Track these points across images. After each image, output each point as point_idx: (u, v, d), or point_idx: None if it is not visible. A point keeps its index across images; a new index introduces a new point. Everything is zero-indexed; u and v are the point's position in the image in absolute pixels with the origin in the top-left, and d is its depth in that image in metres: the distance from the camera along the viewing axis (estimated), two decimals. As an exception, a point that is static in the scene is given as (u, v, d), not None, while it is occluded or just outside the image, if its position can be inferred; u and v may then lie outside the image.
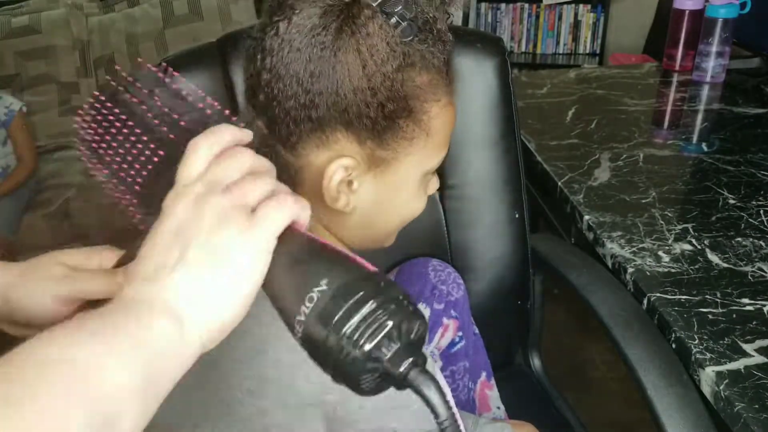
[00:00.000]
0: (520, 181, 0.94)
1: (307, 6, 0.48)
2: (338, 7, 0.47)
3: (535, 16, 2.99)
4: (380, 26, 0.47)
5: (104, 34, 2.32)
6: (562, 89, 1.51)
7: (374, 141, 0.51)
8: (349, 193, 0.52)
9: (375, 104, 0.49)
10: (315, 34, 0.47)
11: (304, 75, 0.48)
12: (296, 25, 0.47)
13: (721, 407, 0.66)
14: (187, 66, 0.82)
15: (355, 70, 0.48)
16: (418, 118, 0.52)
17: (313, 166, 0.52)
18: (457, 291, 0.82)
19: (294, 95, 0.48)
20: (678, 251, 0.87)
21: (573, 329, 1.86)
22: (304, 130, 0.50)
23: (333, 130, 0.50)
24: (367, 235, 0.58)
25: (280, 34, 0.48)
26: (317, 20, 0.47)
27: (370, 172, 0.52)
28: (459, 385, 0.84)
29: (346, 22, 0.47)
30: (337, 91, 0.48)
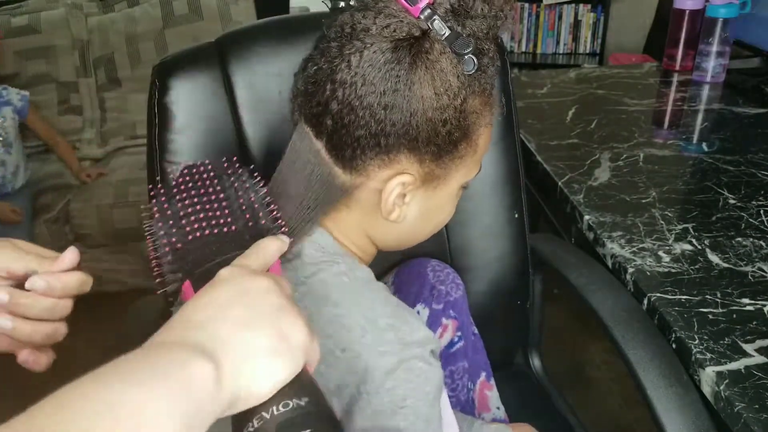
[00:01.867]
0: (520, 181, 0.94)
1: (378, 40, 0.49)
2: (408, 42, 0.49)
3: (535, 15, 2.99)
4: (450, 62, 0.50)
5: (104, 33, 2.32)
6: (562, 89, 1.51)
7: (433, 161, 0.54)
8: (402, 206, 0.55)
9: (444, 133, 0.52)
10: (389, 68, 0.49)
11: (378, 108, 0.50)
12: (369, 60, 0.49)
13: (721, 407, 0.66)
14: (186, 66, 0.81)
15: (429, 104, 0.50)
16: (471, 140, 0.55)
17: (371, 183, 0.54)
18: (456, 291, 0.82)
19: (366, 125, 0.50)
20: (678, 251, 0.87)
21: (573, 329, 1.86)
22: (369, 155, 0.52)
23: (397, 153, 0.52)
24: (404, 240, 0.61)
25: (353, 67, 0.49)
26: (390, 54, 0.49)
27: (423, 186, 0.56)
28: (458, 386, 0.84)
29: (419, 56, 0.49)
30: (410, 122, 0.50)
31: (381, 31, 0.49)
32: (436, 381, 0.53)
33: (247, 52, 0.83)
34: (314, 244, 0.56)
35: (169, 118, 0.80)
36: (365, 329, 0.51)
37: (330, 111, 0.51)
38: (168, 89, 0.79)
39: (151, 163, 0.82)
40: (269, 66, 0.83)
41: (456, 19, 0.50)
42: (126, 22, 2.32)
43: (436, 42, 0.49)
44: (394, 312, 0.53)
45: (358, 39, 0.50)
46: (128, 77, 2.32)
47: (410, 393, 0.50)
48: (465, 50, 0.49)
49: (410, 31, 0.50)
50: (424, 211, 0.57)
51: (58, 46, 2.28)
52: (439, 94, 0.50)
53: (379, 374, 0.50)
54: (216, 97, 0.82)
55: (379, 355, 0.50)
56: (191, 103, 0.81)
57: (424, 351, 0.52)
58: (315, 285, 0.53)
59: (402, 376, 0.50)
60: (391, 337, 0.51)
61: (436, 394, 0.53)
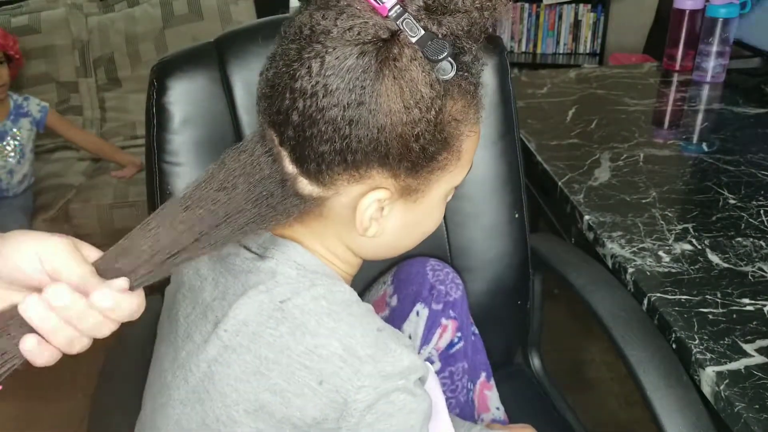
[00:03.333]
0: (520, 180, 0.94)
1: (341, 44, 0.44)
2: (375, 46, 0.44)
3: (536, 15, 2.99)
4: (422, 69, 0.44)
5: (104, 34, 2.32)
6: (562, 89, 1.51)
7: (409, 175, 0.49)
8: (379, 220, 0.51)
9: (417, 149, 0.47)
10: (352, 77, 0.44)
11: (342, 122, 0.45)
12: (331, 66, 0.44)
13: (721, 407, 0.65)
14: (185, 66, 0.81)
15: (398, 118, 0.45)
16: (452, 148, 0.50)
17: (342, 197, 0.50)
18: (455, 291, 0.82)
19: (329, 140, 0.46)
20: (678, 251, 0.87)
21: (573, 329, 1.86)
22: (336, 170, 0.47)
23: (368, 168, 0.48)
24: (388, 252, 0.58)
25: (313, 75, 0.44)
26: (353, 61, 0.44)
27: (401, 199, 0.51)
28: (458, 386, 0.84)
29: (386, 63, 0.44)
30: (377, 138, 0.45)
31: (343, 33, 0.44)
32: (423, 410, 0.50)
33: (246, 52, 0.83)
34: (290, 262, 0.52)
35: (168, 118, 0.80)
36: (344, 360, 0.48)
37: (291, 122, 0.46)
38: (166, 89, 0.79)
39: (149, 163, 0.82)
40: (268, 66, 0.83)
41: (431, 17, 0.44)
42: (126, 22, 2.32)
43: (406, 46, 0.44)
44: (376, 341, 0.49)
45: (318, 42, 0.44)
46: (128, 77, 2.32)
47: (392, 427, 0.48)
48: (439, 56, 0.43)
49: (377, 33, 0.44)
50: (407, 223, 0.53)
51: (57, 46, 2.28)
52: (409, 107, 0.44)
53: (358, 410, 0.48)
54: (215, 97, 0.82)
55: (357, 390, 0.47)
56: (190, 103, 0.81)
57: (407, 382, 0.49)
58: (291, 311, 0.49)
59: (383, 410, 0.48)
60: (371, 369, 0.48)
61: (423, 423, 0.51)
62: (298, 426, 0.49)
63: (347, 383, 0.48)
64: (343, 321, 0.49)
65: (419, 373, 0.51)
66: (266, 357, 0.49)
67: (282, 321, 0.49)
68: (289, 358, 0.49)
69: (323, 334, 0.49)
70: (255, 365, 0.50)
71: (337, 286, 0.52)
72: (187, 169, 0.81)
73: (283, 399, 0.49)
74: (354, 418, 0.48)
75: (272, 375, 0.49)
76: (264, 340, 0.50)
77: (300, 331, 0.49)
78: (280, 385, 0.49)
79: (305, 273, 0.52)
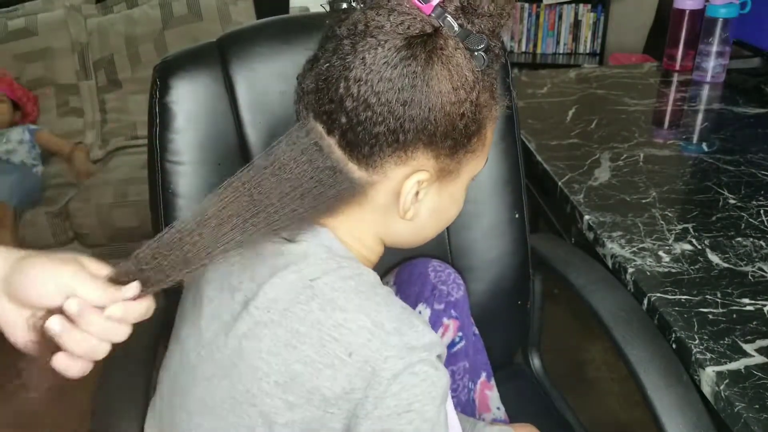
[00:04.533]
0: (520, 181, 0.94)
1: (392, 37, 0.50)
2: (422, 38, 0.50)
3: (536, 15, 2.99)
4: (464, 56, 0.51)
5: (103, 36, 2.31)
6: (562, 89, 1.51)
7: (448, 156, 0.55)
8: (416, 203, 0.56)
9: (461, 126, 0.53)
10: (406, 65, 0.49)
11: (396, 104, 0.50)
12: (384, 56, 0.50)
13: (721, 407, 0.66)
14: (187, 65, 0.82)
15: (447, 98, 0.51)
16: (482, 133, 0.56)
17: (388, 181, 0.55)
18: (457, 291, 0.82)
19: (384, 121, 0.51)
20: (678, 251, 0.87)
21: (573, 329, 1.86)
22: (387, 151, 0.52)
23: (414, 149, 0.53)
24: (416, 238, 0.62)
25: (368, 64, 0.50)
26: (405, 51, 0.49)
27: (437, 182, 0.56)
28: (459, 386, 0.84)
29: (435, 52, 0.50)
30: (428, 117, 0.51)
31: (395, 28, 0.50)
32: (443, 385, 0.53)
33: (248, 52, 0.83)
34: (321, 246, 0.56)
35: (170, 117, 0.80)
36: (372, 333, 0.51)
37: (344, 108, 0.51)
38: (169, 89, 0.80)
39: (151, 162, 0.82)
40: (270, 66, 0.83)
41: (465, 17, 0.51)
42: (125, 24, 2.31)
43: (449, 38, 0.50)
44: (401, 316, 0.53)
45: (371, 36, 0.50)
46: (128, 79, 2.32)
47: (416, 397, 0.51)
48: (478, 46, 0.50)
49: (423, 28, 0.50)
50: (437, 206, 0.58)
51: (55, 48, 2.28)
52: (457, 88, 0.51)
53: (385, 378, 0.50)
54: (217, 96, 0.82)
55: (385, 360, 0.50)
56: (192, 102, 0.81)
57: (431, 355, 0.52)
58: (321, 288, 0.53)
59: (408, 380, 0.50)
60: (397, 341, 0.51)
61: (443, 398, 0.53)
62: (327, 397, 0.51)
63: (375, 354, 0.50)
64: (370, 299, 0.53)
65: (439, 349, 0.54)
66: (297, 330, 0.52)
67: (313, 297, 0.53)
68: (320, 331, 0.51)
69: (352, 309, 0.52)
70: (286, 338, 0.52)
71: (362, 269, 0.56)
72: (189, 168, 0.81)
73: (314, 370, 0.51)
74: (381, 386, 0.50)
75: (303, 347, 0.52)
76: (295, 315, 0.52)
77: (330, 306, 0.52)
78: (311, 356, 0.51)
79: (333, 256, 0.55)
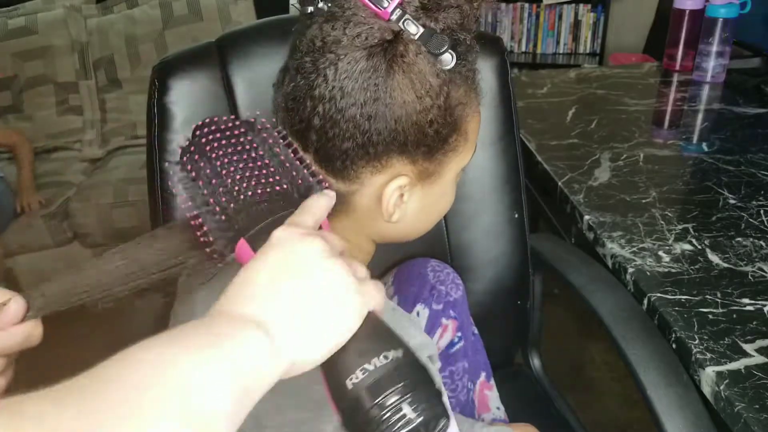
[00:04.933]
0: (520, 180, 0.94)
1: (350, 50, 0.48)
2: (382, 47, 0.48)
3: (536, 15, 2.99)
4: (428, 61, 0.49)
5: (103, 35, 2.31)
6: (562, 89, 1.51)
7: (425, 158, 0.54)
8: (401, 206, 0.55)
9: (431, 133, 0.52)
10: (366, 78, 0.48)
11: (361, 119, 0.49)
12: (344, 71, 0.48)
13: (721, 407, 0.66)
14: (186, 66, 0.81)
15: (412, 107, 0.49)
16: (461, 130, 0.55)
17: (366, 189, 0.54)
18: (456, 291, 0.82)
19: (351, 137, 0.50)
20: (678, 251, 0.87)
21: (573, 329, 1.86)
22: (360, 163, 0.52)
23: (388, 158, 0.52)
24: (408, 235, 0.62)
25: (329, 81, 0.49)
26: (364, 63, 0.48)
27: (420, 183, 0.55)
28: (458, 386, 0.84)
29: (395, 60, 0.48)
30: (395, 128, 0.50)
31: (352, 41, 0.48)
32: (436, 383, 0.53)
33: (247, 52, 0.83)
34: None
35: (169, 117, 0.80)
36: None
37: (313, 126, 0.51)
38: (168, 89, 0.79)
39: (150, 162, 0.82)
40: (269, 66, 0.83)
41: (428, 15, 0.49)
42: (125, 24, 2.31)
43: (410, 43, 0.48)
44: (391, 317, 0.52)
45: (330, 52, 0.49)
46: (128, 78, 2.32)
47: None
48: (440, 49, 0.48)
49: (382, 36, 0.48)
50: (425, 204, 0.57)
51: (55, 46, 2.28)
52: (421, 96, 0.49)
53: None
54: (216, 97, 0.82)
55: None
56: (191, 103, 0.81)
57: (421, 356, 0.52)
58: None
59: None
60: None
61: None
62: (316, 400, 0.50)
63: None
64: None
65: (430, 350, 0.54)
66: None
67: None
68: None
69: None
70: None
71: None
72: (187, 169, 0.81)
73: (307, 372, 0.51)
74: None
75: None
76: None
77: None
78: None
79: None
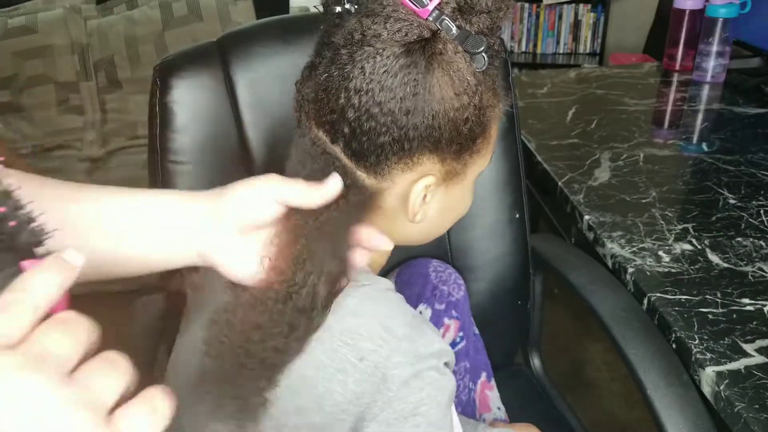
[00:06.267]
0: (521, 181, 0.94)
1: (389, 45, 0.48)
2: (420, 44, 0.48)
3: (536, 15, 2.99)
4: (465, 60, 0.49)
5: (103, 37, 2.31)
6: (562, 89, 1.51)
7: (454, 158, 0.54)
8: (423, 206, 0.55)
9: (465, 131, 0.52)
10: (406, 73, 0.48)
11: (399, 113, 0.49)
12: (383, 65, 0.48)
13: (721, 407, 0.66)
14: (188, 65, 0.81)
15: (450, 104, 0.50)
16: (486, 132, 0.55)
17: (395, 187, 0.54)
18: (457, 291, 0.82)
19: (388, 131, 0.50)
20: (678, 251, 0.87)
21: (573, 329, 1.86)
22: (393, 159, 0.52)
23: (420, 155, 0.52)
24: (425, 237, 0.62)
25: (367, 74, 0.49)
26: (404, 59, 0.48)
27: (444, 184, 0.56)
28: (459, 386, 0.84)
29: (434, 58, 0.48)
30: (432, 125, 0.50)
31: (392, 35, 0.48)
32: (449, 389, 0.53)
33: (248, 52, 0.83)
34: None
35: (171, 117, 0.80)
36: (383, 339, 0.51)
37: (347, 119, 0.50)
38: (169, 88, 0.80)
39: (152, 162, 0.82)
40: (270, 66, 0.83)
41: (463, 17, 0.50)
42: (125, 25, 2.31)
43: (448, 42, 0.49)
44: (412, 323, 0.53)
45: (369, 45, 0.49)
46: (129, 79, 2.32)
47: (423, 401, 0.51)
48: (478, 49, 0.49)
49: (421, 34, 0.49)
50: (445, 207, 0.58)
51: (55, 45, 2.28)
52: (459, 93, 0.50)
53: (394, 384, 0.50)
54: (217, 96, 0.82)
55: (395, 366, 0.50)
56: (193, 102, 0.81)
57: (439, 362, 0.53)
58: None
59: (416, 385, 0.51)
60: (407, 347, 0.51)
61: (449, 402, 0.53)
62: (339, 401, 0.51)
63: (386, 360, 0.50)
64: (382, 305, 0.53)
65: (448, 357, 0.54)
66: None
67: None
68: (331, 336, 0.51)
69: (364, 314, 0.52)
70: None
71: (374, 277, 0.56)
72: (190, 168, 0.81)
73: (325, 374, 0.51)
74: (391, 391, 0.50)
75: (315, 352, 0.51)
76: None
77: (341, 311, 0.52)
78: (323, 361, 0.51)
79: None
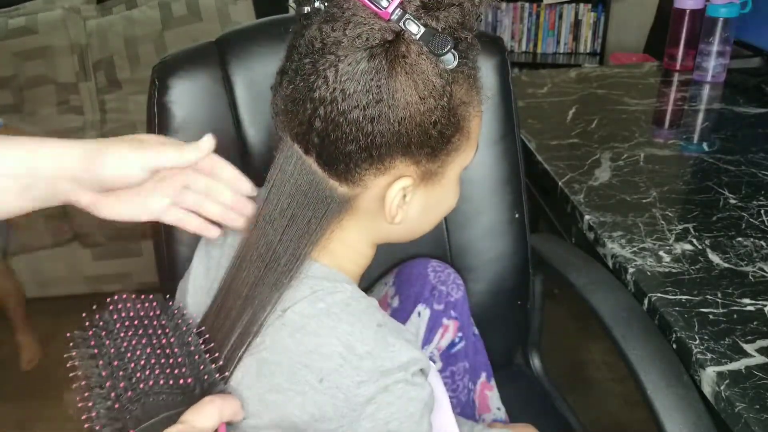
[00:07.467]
0: (520, 180, 0.94)
1: (351, 51, 0.47)
2: (383, 48, 0.47)
3: (536, 15, 2.99)
4: (430, 61, 0.47)
5: (103, 37, 2.31)
6: (562, 89, 1.51)
7: (428, 159, 0.53)
8: (403, 207, 0.54)
9: (435, 134, 0.50)
10: (368, 79, 0.47)
11: (364, 121, 0.48)
12: (345, 73, 0.47)
13: (721, 407, 0.65)
14: (186, 65, 0.81)
15: (415, 109, 0.48)
16: (463, 130, 0.53)
17: (369, 191, 0.53)
18: (456, 291, 0.82)
19: (354, 139, 0.49)
20: (679, 251, 0.87)
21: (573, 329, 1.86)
22: (363, 166, 0.51)
23: (392, 159, 0.51)
24: (411, 234, 0.61)
25: (330, 83, 0.47)
26: (366, 64, 0.46)
27: (422, 184, 0.55)
28: (459, 386, 0.84)
29: (397, 61, 0.47)
30: (399, 130, 0.49)
31: (353, 42, 0.46)
32: (421, 399, 0.51)
33: (247, 52, 0.83)
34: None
35: (169, 117, 0.80)
36: (344, 358, 0.49)
37: (315, 129, 0.49)
38: (168, 88, 0.79)
39: (150, 163, 0.82)
40: (269, 66, 0.83)
41: (428, 14, 0.47)
42: (125, 25, 2.31)
43: (411, 43, 0.47)
44: (375, 337, 0.51)
45: (330, 53, 0.47)
46: (128, 79, 2.32)
47: (392, 416, 0.50)
48: (443, 49, 0.47)
49: (383, 37, 0.47)
50: (427, 205, 0.57)
51: (55, 46, 2.28)
52: (424, 97, 0.48)
53: (359, 402, 0.49)
54: (216, 96, 0.82)
55: (357, 386, 0.49)
56: (191, 102, 0.81)
57: (407, 374, 0.51)
58: (290, 317, 0.52)
59: (383, 400, 0.49)
60: (370, 365, 0.49)
61: (423, 410, 0.52)
62: (296, 423, 0.50)
63: (347, 380, 0.49)
64: (343, 320, 0.51)
65: (419, 365, 0.52)
66: (266, 360, 0.51)
67: (281, 328, 0.52)
68: (290, 359, 0.50)
69: (323, 333, 0.50)
70: (257, 369, 0.51)
71: (337, 287, 0.54)
72: (187, 169, 0.81)
73: (285, 398, 0.50)
74: (355, 412, 0.49)
75: (274, 377, 0.51)
76: (263, 345, 0.52)
77: (300, 333, 0.51)
78: (283, 385, 0.50)
79: (305, 280, 0.54)
